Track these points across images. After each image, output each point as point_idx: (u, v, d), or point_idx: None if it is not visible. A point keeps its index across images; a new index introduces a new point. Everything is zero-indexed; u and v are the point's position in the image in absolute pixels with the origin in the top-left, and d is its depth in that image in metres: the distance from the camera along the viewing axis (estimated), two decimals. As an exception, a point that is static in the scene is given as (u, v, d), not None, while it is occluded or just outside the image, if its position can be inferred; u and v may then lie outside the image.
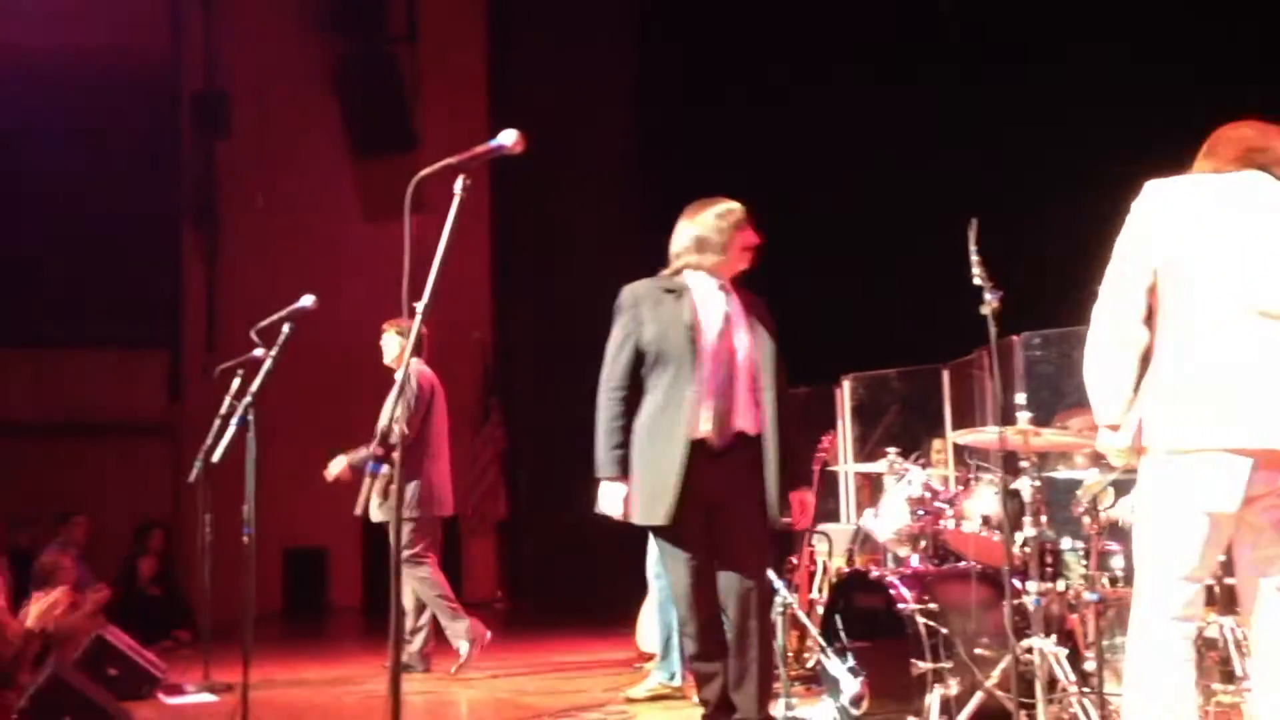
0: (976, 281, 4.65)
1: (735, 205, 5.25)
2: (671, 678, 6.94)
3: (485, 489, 15.09)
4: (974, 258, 4.67)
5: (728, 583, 4.98)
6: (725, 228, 5.18)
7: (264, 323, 6.35)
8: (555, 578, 14.51)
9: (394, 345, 8.30)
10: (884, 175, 11.69)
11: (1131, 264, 3.82)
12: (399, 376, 4.59)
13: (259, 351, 6.71)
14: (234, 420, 6.54)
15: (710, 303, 5.11)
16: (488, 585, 15.38)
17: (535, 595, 15.09)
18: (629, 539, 6.02)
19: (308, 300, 6.21)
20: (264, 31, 15.15)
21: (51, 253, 14.10)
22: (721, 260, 5.15)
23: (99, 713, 5.97)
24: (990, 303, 4.64)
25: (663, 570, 6.09)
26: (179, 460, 13.47)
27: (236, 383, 7.02)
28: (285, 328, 6.21)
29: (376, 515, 8.09)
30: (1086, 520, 5.02)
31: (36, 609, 6.22)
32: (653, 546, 6.47)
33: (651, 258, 5.36)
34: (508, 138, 3.77)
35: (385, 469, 7.37)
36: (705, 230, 5.18)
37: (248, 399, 6.45)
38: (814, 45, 12.07)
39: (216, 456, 6.87)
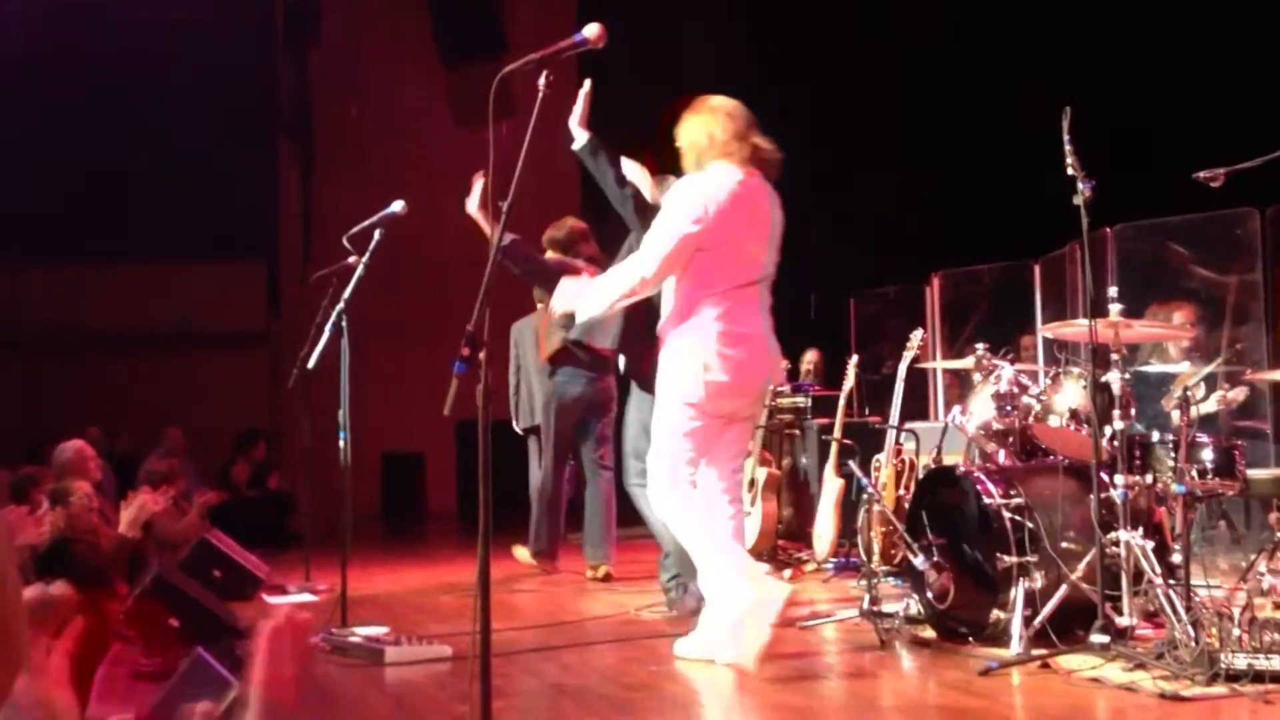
0: (1070, 172, 4.59)
1: None
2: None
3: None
4: (1067, 147, 4.60)
5: None
6: None
7: (355, 229, 6.42)
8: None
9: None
10: (970, 68, 11.55)
11: None
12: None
13: (353, 259, 6.77)
14: (328, 326, 6.63)
15: None
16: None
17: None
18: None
19: (397, 206, 6.28)
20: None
21: (148, 168, 14.23)
22: None
23: (204, 613, 6.07)
24: (1083, 193, 4.57)
25: None
26: (278, 369, 13.71)
27: (331, 290, 7.08)
28: (376, 234, 6.29)
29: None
30: (1176, 414, 4.96)
31: (126, 516, 6.36)
32: None
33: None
34: (590, 31, 3.77)
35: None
36: None
37: (340, 305, 6.53)
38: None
39: (312, 363, 6.97)
